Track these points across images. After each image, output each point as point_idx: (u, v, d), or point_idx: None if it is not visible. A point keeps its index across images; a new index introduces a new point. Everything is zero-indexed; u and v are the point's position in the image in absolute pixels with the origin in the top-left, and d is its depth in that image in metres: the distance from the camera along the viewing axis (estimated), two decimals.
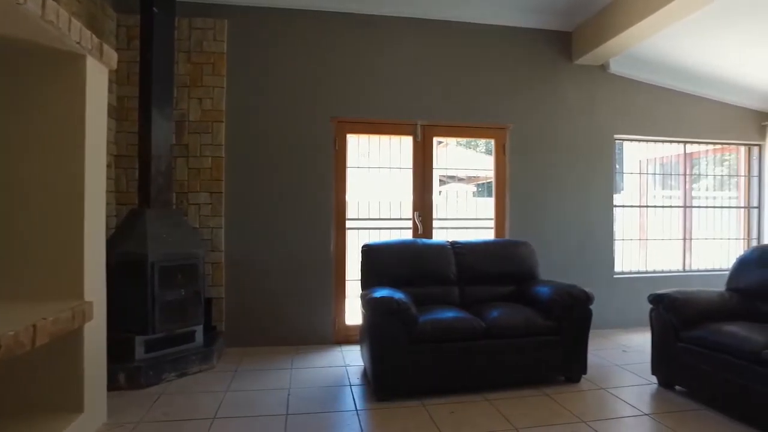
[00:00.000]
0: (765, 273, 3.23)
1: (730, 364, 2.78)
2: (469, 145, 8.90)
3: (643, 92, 5.01)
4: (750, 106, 5.32)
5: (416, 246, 3.78)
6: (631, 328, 4.82)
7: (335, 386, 3.32)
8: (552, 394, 3.16)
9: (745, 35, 4.18)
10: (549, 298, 3.35)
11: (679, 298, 3.17)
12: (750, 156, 5.52)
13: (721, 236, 5.52)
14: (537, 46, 4.73)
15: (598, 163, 4.88)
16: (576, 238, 4.80)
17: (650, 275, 5.14)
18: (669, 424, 2.76)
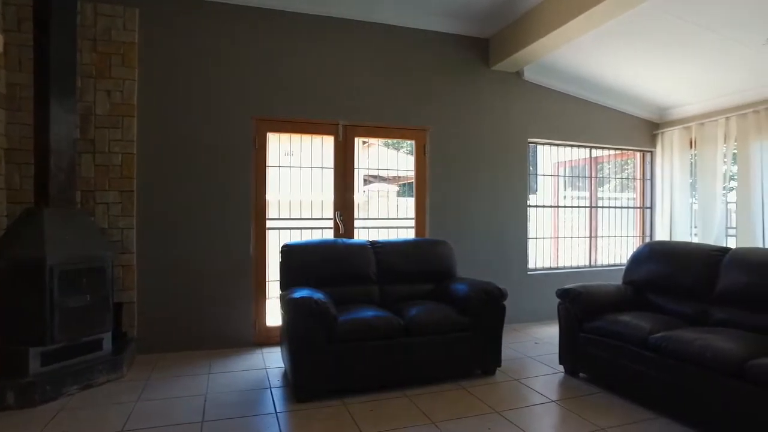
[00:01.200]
0: (654, 267, 3.56)
1: (624, 350, 3.04)
2: (394, 146, 9.04)
3: (553, 99, 5.33)
4: (644, 116, 5.83)
5: (336, 246, 3.78)
6: (544, 321, 5.12)
7: (255, 389, 3.25)
8: (469, 388, 3.28)
9: (638, 53, 4.56)
10: (465, 295, 3.48)
11: (582, 292, 3.41)
12: (644, 161, 6.04)
13: (622, 234, 6.00)
14: (456, 52, 4.89)
15: (513, 165, 5.13)
16: (493, 236, 5.02)
17: (561, 271, 5.48)
18: (572, 408, 2.97)
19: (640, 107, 5.74)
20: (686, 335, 2.75)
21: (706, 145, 5.32)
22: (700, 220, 5.36)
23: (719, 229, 5.18)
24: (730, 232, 5.24)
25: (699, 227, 5.38)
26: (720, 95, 5.12)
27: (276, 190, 4.80)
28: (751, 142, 4.85)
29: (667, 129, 5.77)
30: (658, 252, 3.61)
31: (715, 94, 5.13)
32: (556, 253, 5.90)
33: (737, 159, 5.01)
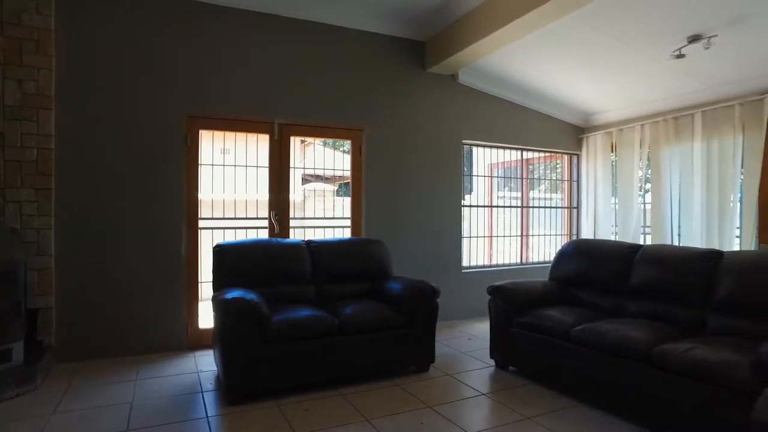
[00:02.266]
0: (577, 263, 3.77)
1: (549, 342, 3.20)
2: (333, 145, 9.02)
3: (487, 102, 5.51)
4: (571, 121, 6.15)
5: (271, 245, 3.73)
6: (478, 318, 5.28)
7: (185, 394, 3.14)
8: (403, 384, 3.33)
9: (564, 61, 4.81)
10: (400, 293, 3.53)
11: (511, 289, 3.56)
12: (572, 164, 6.38)
13: (552, 233, 6.30)
14: (394, 53, 4.95)
15: (448, 166, 5.26)
16: (428, 236, 5.12)
17: (495, 269, 5.67)
18: (501, 400, 3.09)
19: (567, 112, 6.05)
20: (603, 327, 2.94)
21: (624, 149, 5.69)
22: (620, 219, 5.73)
23: (636, 228, 5.55)
24: (646, 230, 5.63)
25: (619, 226, 5.74)
26: (636, 104, 5.49)
27: (210, 189, 4.65)
28: (662, 148, 5.24)
29: (591, 134, 6.12)
30: (580, 249, 3.83)
31: (632, 102, 5.50)
32: (490, 252, 6.11)
33: (651, 163, 5.39)
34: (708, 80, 4.66)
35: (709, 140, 4.81)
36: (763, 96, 4.37)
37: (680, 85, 4.84)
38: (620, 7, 3.70)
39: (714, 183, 4.74)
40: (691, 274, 3.03)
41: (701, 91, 4.85)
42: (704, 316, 2.97)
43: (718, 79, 4.60)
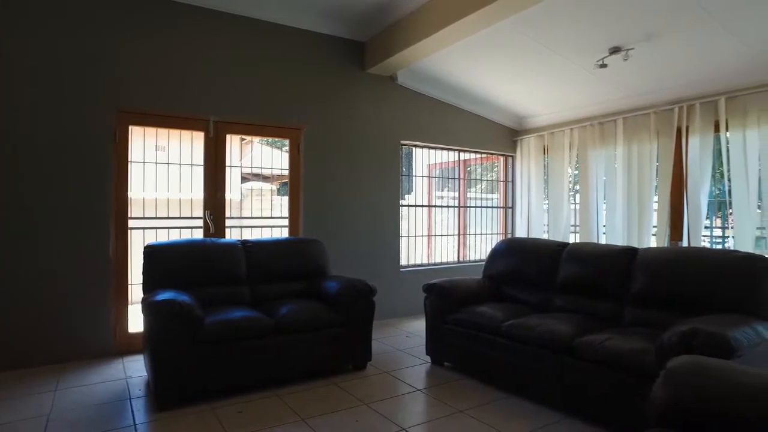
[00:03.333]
0: (509, 261, 3.93)
1: (481, 338, 3.32)
2: (275, 144, 8.88)
3: (426, 104, 5.62)
4: (506, 124, 6.38)
5: (205, 245, 3.64)
6: (415, 315, 5.38)
7: (112, 402, 3.00)
8: (340, 383, 3.35)
9: (499, 66, 4.99)
10: (336, 292, 3.54)
11: (445, 287, 3.66)
12: (507, 165, 6.63)
13: (488, 232, 6.51)
14: (333, 53, 4.95)
15: (386, 166, 5.32)
16: (367, 235, 5.17)
17: (432, 267, 5.80)
18: (435, 395, 3.17)
19: (502, 115, 6.27)
20: (531, 321, 3.09)
21: (555, 152, 5.98)
22: (551, 219, 6.01)
23: (566, 227, 5.85)
24: (575, 229, 5.94)
25: (550, 225, 6.03)
26: (565, 109, 5.78)
27: (142, 187, 4.47)
28: (589, 151, 5.55)
29: (525, 136, 6.38)
30: (511, 248, 4.00)
31: (562, 107, 5.79)
32: (429, 250, 6.24)
33: (579, 165, 5.70)
34: (628, 89, 4.98)
35: (629, 145, 5.14)
36: (674, 106, 4.72)
37: (604, 92, 5.14)
38: (549, 18, 3.89)
39: (634, 184, 5.08)
40: (609, 269, 3.25)
41: (622, 99, 5.18)
42: (621, 308, 3.19)
43: (636, 88, 4.93)
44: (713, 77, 4.41)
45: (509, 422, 2.76)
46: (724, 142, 4.42)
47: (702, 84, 4.52)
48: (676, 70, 4.45)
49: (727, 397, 1.50)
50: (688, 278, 2.85)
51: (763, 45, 3.84)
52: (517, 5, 3.54)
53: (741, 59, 4.07)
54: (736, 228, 4.37)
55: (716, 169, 4.75)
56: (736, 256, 2.79)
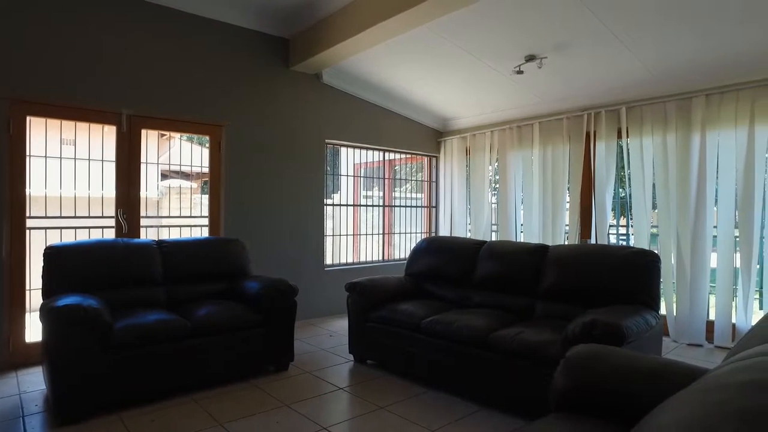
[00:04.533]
0: (429, 259, 4.03)
1: (402, 335, 3.39)
2: (198, 141, 8.52)
3: (351, 103, 5.63)
4: (431, 125, 6.54)
5: (116, 246, 3.43)
6: (340, 314, 5.38)
7: (1, 422, 2.75)
8: (261, 385, 3.29)
9: (423, 68, 5.10)
10: (257, 292, 3.47)
11: (367, 285, 3.70)
12: (431, 165, 6.79)
13: (413, 231, 6.64)
14: (257, 49, 4.84)
15: (311, 165, 5.28)
16: (291, 234, 5.10)
17: (358, 266, 5.82)
18: (357, 392, 3.20)
19: (427, 116, 6.42)
20: (450, 317, 3.19)
21: (477, 153, 6.21)
22: (473, 218, 6.24)
23: (486, 225, 6.09)
24: (494, 228, 6.20)
25: (472, 224, 6.25)
26: (486, 112, 6.02)
27: (44, 184, 4.13)
28: (508, 153, 5.82)
29: (449, 137, 6.57)
30: (432, 246, 4.10)
31: (483, 110, 6.02)
32: (355, 250, 6.26)
33: (499, 166, 5.96)
34: (543, 95, 5.27)
35: (545, 148, 5.44)
36: (583, 113, 5.06)
37: (522, 97, 5.41)
38: (470, 24, 4.03)
39: (549, 185, 5.38)
40: (522, 266, 3.43)
41: (538, 105, 5.47)
42: (534, 302, 3.37)
43: (550, 95, 5.22)
44: (615, 88, 4.77)
45: (428, 416, 2.83)
46: (625, 148, 4.80)
47: (606, 94, 4.88)
48: (584, 80, 4.77)
49: (616, 379, 1.64)
50: (591, 273, 3.08)
51: (655, 62, 4.21)
52: (438, 10, 3.64)
53: (638, 73, 4.44)
54: (635, 226, 4.76)
55: (619, 172, 5.14)
56: (630, 251, 3.05)
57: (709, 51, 3.95)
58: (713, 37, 3.76)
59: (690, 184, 4.35)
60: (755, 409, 0.47)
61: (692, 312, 4.35)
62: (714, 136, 4.26)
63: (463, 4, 3.52)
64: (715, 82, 4.21)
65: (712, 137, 4.27)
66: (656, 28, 3.74)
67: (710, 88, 4.24)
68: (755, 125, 4.02)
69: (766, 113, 3.98)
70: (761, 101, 3.99)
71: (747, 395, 0.51)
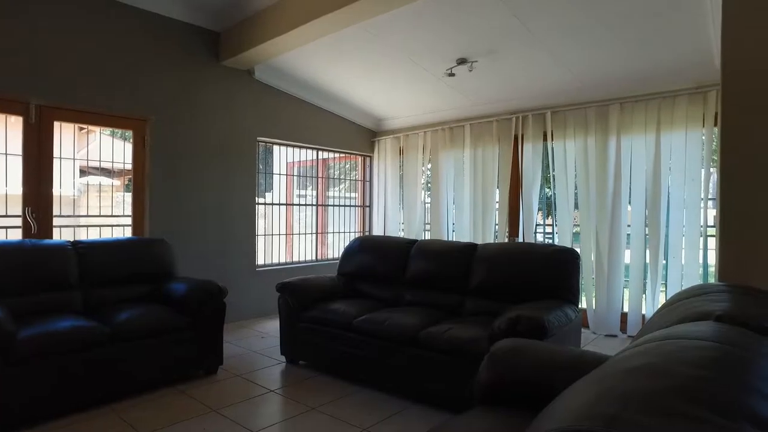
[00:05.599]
0: (362, 259, 4.05)
1: (334, 334, 3.38)
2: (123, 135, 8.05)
3: (284, 101, 5.53)
4: (365, 124, 6.56)
5: (22, 248, 3.15)
6: (272, 315, 5.26)
7: None
8: (187, 390, 3.16)
9: (357, 68, 5.11)
10: (184, 294, 3.34)
11: (298, 285, 3.66)
12: (365, 165, 6.82)
13: (347, 230, 6.63)
14: (186, 41, 4.63)
15: (243, 163, 5.14)
16: (221, 234, 4.93)
17: (291, 266, 5.73)
18: (289, 394, 3.15)
19: (361, 116, 6.43)
20: (381, 316, 3.21)
21: (410, 153, 6.30)
22: (406, 217, 6.32)
23: (419, 225, 6.20)
24: (427, 227, 6.32)
25: (405, 223, 6.34)
26: (419, 113, 6.12)
27: None
28: (440, 154, 5.95)
29: (382, 137, 6.62)
30: (364, 246, 4.12)
31: (416, 111, 6.11)
32: (289, 249, 6.16)
33: (431, 167, 6.08)
34: (474, 98, 5.43)
35: (475, 149, 5.61)
36: (512, 116, 5.27)
37: (454, 99, 5.54)
38: (402, 25, 4.07)
39: (479, 185, 5.55)
40: (452, 264, 3.52)
41: (469, 107, 5.63)
42: (463, 299, 3.47)
43: (481, 98, 5.39)
44: (542, 93, 5.01)
45: (361, 414, 2.84)
46: (550, 150, 5.05)
47: (533, 98, 5.11)
48: (513, 85, 4.97)
49: (536, 371, 1.71)
50: (517, 270, 3.21)
51: (577, 71, 4.46)
52: (370, 10, 3.65)
53: (562, 81, 4.68)
54: (559, 225, 5.02)
55: (545, 173, 5.40)
56: (552, 249, 3.21)
57: (622, 64, 4.25)
58: (624, 53, 4.06)
59: (607, 185, 4.64)
60: (638, 391, 0.51)
61: (609, 305, 4.65)
62: (628, 140, 4.58)
63: (395, 5, 3.55)
64: (628, 92, 4.52)
65: (626, 142, 4.58)
66: (577, 41, 3.96)
67: (624, 97, 4.55)
68: (661, 132, 4.36)
69: (668, 122, 4.32)
70: (665, 111, 4.34)
71: (634, 379, 0.56)
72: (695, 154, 4.22)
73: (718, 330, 0.84)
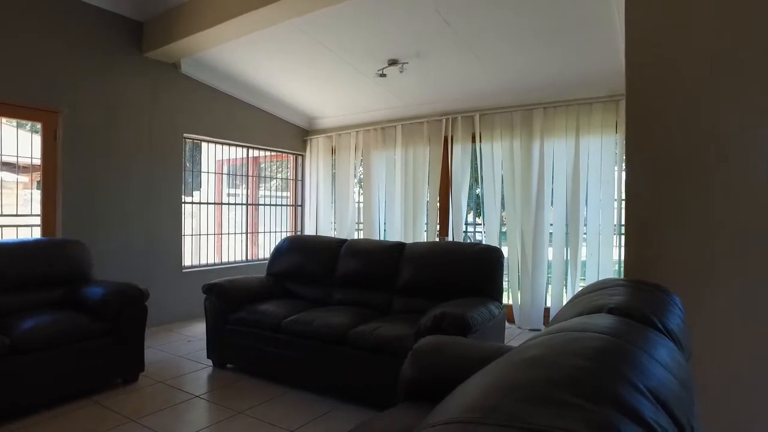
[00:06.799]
0: (292, 258, 4.00)
1: (263, 336, 3.32)
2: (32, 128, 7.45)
3: (214, 97, 5.34)
4: (297, 123, 6.48)
5: None
6: (200, 318, 5.05)
7: None
8: (103, 401, 2.98)
9: (288, 66, 5.03)
10: (101, 299, 3.13)
11: (226, 286, 3.56)
12: (297, 164, 6.73)
13: (279, 230, 6.52)
14: (105, 29, 4.35)
15: (168, 160, 4.91)
16: (144, 235, 4.70)
17: (220, 267, 5.56)
18: (215, 399, 3.06)
19: (293, 114, 6.34)
20: (310, 316, 3.19)
21: (342, 152, 6.29)
22: (338, 216, 6.31)
23: (351, 224, 6.21)
24: (360, 226, 6.34)
25: (337, 222, 6.33)
26: (352, 112, 6.13)
27: None
28: (372, 153, 5.99)
29: (315, 136, 6.57)
30: (294, 245, 4.08)
31: (348, 111, 6.11)
32: (219, 250, 5.97)
33: (363, 166, 6.11)
34: (405, 99, 5.51)
35: (406, 149, 5.70)
36: (442, 117, 5.40)
37: (386, 100, 5.60)
38: (334, 25, 4.06)
39: (410, 185, 5.64)
40: (381, 263, 3.56)
41: (401, 108, 5.71)
42: (392, 298, 3.51)
43: (412, 99, 5.48)
44: (470, 96, 5.17)
45: (289, 416, 2.81)
46: (479, 151, 5.22)
47: (462, 101, 5.26)
48: (442, 86, 5.09)
49: (457, 367, 1.77)
50: (443, 269, 3.30)
51: (503, 74, 4.64)
52: (299, 8, 3.61)
53: (488, 84, 4.86)
54: (487, 224, 5.20)
55: (473, 174, 5.57)
56: (477, 248, 3.33)
57: (545, 72, 4.49)
58: (547, 61, 4.30)
59: (532, 186, 4.86)
60: (521, 383, 0.55)
61: (533, 301, 4.87)
62: (550, 143, 4.82)
63: (324, 4, 3.54)
64: (550, 98, 4.77)
65: (549, 144, 4.82)
66: (503, 47, 4.13)
67: (546, 102, 4.79)
68: (579, 136, 4.63)
69: (586, 127, 4.61)
70: (583, 117, 4.61)
71: (520, 371, 0.59)
72: (609, 158, 4.52)
73: (607, 322, 0.91)
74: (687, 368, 0.85)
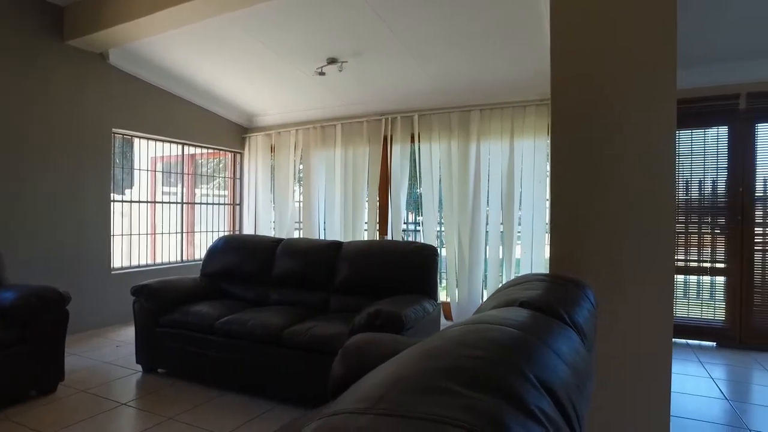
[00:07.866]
0: (227, 258, 3.90)
1: (195, 338, 3.22)
2: None
3: (146, 91, 5.11)
4: (235, 120, 6.32)
5: None
6: (130, 322, 4.84)
7: None
8: (15, 416, 2.77)
9: (225, 61, 4.89)
10: (12, 304, 2.92)
11: (156, 287, 3.42)
12: (235, 161, 6.57)
13: (216, 229, 6.34)
14: (17, 14, 4.06)
15: (95, 157, 4.65)
16: (68, 235, 4.42)
17: (153, 268, 5.33)
18: (143, 405, 2.94)
19: (231, 111, 6.18)
20: (245, 316, 3.13)
21: (282, 151, 6.20)
22: (277, 216, 6.21)
23: (291, 224, 6.13)
24: (299, 225, 6.26)
25: (276, 221, 6.23)
26: (291, 111, 6.05)
27: None
28: (312, 152, 5.94)
29: (253, 134, 6.43)
30: (229, 245, 3.98)
31: (288, 109, 6.03)
32: (154, 250, 5.72)
33: (303, 165, 6.04)
34: (345, 98, 5.50)
35: (346, 148, 5.69)
36: (381, 117, 5.44)
37: (325, 99, 5.56)
38: (272, 21, 3.99)
39: (350, 185, 5.65)
40: (317, 262, 3.54)
41: (341, 107, 5.69)
42: (329, 297, 3.50)
43: (352, 98, 5.48)
44: (409, 97, 5.23)
45: (222, 419, 2.74)
46: (417, 151, 5.29)
47: (401, 101, 5.32)
48: (381, 86, 5.12)
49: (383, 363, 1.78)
50: (379, 267, 3.33)
51: (440, 75, 4.73)
52: (231, 3, 3.54)
53: (426, 84, 4.94)
54: (425, 223, 5.28)
55: (412, 174, 5.64)
56: (412, 247, 3.38)
57: (480, 74, 4.61)
58: (481, 64, 4.42)
59: (469, 186, 4.99)
60: (412, 373, 0.56)
61: (470, 298, 5.00)
62: (486, 145, 4.96)
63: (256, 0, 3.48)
64: (487, 100, 4.91)
65: (485, 146, 4.96)
66: (440, 48, 4.21)
67: (483, 104, 4.93)
68: (514, 138, 4.80)
69: (520, 129, 4.78)
70: (518, 119, 4.79)
71: (415, 362, 0.61)
72: (541, 160, 4.71)
73: (516, 315, 0.95)
74: (585, 356, 0.91)
